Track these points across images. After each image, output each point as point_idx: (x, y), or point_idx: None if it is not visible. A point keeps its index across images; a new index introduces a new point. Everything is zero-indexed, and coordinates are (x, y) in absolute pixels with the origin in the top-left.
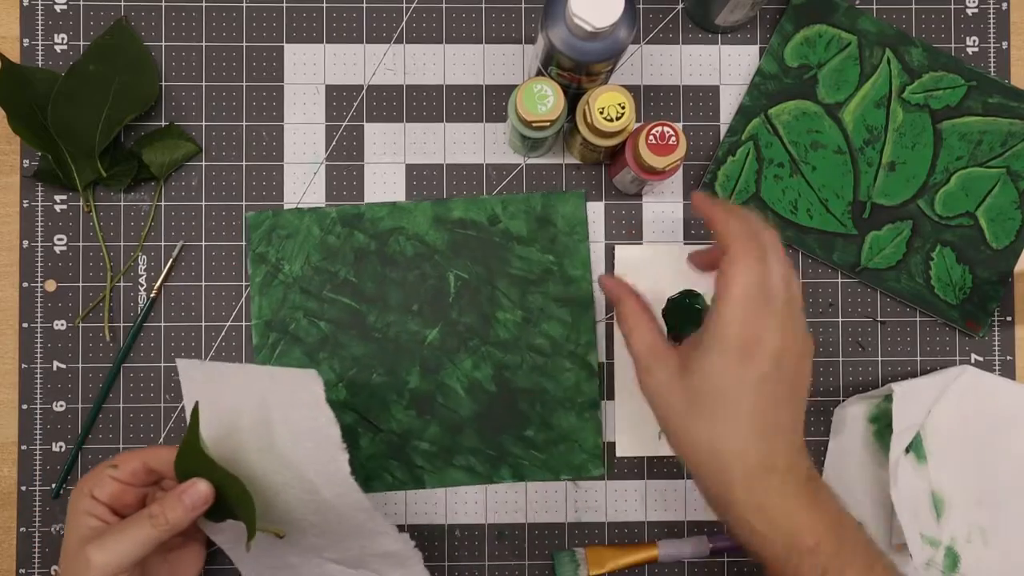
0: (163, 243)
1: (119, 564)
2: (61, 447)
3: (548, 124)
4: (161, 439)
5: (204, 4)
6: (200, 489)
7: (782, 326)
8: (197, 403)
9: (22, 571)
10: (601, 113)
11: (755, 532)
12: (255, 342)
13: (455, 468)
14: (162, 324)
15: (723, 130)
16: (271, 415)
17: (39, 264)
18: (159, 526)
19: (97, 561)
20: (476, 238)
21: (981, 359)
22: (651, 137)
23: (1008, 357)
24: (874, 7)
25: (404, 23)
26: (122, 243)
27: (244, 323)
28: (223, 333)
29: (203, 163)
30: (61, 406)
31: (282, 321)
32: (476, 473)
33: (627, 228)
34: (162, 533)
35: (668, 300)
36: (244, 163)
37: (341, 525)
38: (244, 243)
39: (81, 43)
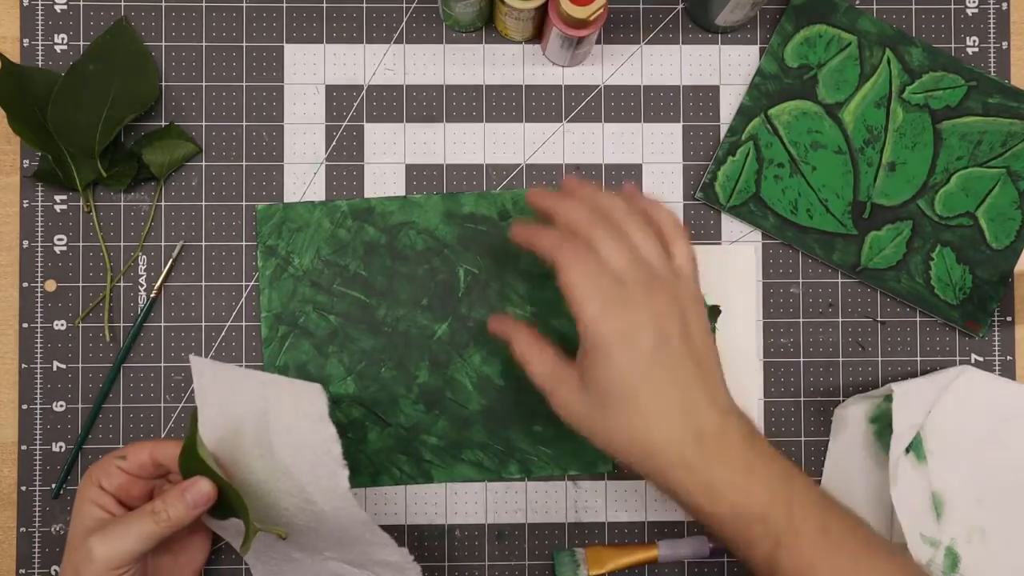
0: (163, 243)
1: (120, 558)
2: (61, 447)
3: None
4: (161, 439)
5: (204, 4)
6: (202, 488)
7: (644, 302)
8: (196, 407)
9: (22, 571)
10: None
11: (702, 511)
12: (264, 335)
13: (463, 463)
14: (162, 324)
15: (723, 130)
16: (273, 424)
17: (39, 264)
18: (160, 522)
19: (99, 554)
20: (486, 233)
21: (981, 359)
22: None
23: (1008, 357)
24: (874, 7)
25: (404, 23)
26: (122, 243)
27: (244, 323)
28: (223, 333)
29: (203, 163)
30: (61, 406)
31: (291, 314)
32: (484, 468)
33: None
34: (163, 529)
35: None
36: (244, 163)
37: (341, 534)
38: (246, 241)
39: (81, 43)
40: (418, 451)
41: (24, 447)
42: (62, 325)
